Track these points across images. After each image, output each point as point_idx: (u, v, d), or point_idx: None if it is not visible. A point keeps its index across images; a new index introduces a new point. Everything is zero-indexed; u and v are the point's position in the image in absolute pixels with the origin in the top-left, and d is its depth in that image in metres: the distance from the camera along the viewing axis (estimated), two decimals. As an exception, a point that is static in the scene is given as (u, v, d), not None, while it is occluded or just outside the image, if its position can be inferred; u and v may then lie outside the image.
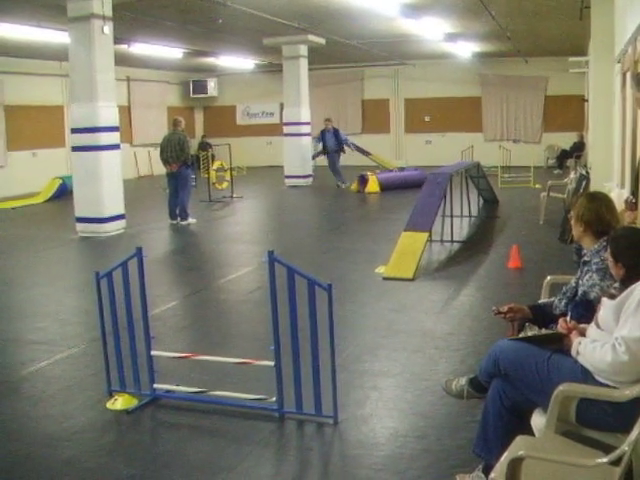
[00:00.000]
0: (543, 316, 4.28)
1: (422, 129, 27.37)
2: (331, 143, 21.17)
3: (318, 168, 23.31)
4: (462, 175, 13.00)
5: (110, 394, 5.40)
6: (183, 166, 14.54)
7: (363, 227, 13.67)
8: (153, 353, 5.33)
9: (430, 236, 10.17)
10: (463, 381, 4.18)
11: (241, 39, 19.37)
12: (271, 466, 4.39)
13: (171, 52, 21.09)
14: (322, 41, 19.91)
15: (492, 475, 3.13)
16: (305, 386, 4.82)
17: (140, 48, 19.36)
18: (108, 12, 12.88)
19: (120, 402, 5.27)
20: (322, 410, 4.83)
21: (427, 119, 27.38)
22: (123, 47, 18.01)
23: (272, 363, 4.88)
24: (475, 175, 14.69)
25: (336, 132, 21.31)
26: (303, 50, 20.68)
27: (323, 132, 21.28)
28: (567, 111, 24.88)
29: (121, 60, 16.56)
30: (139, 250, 5.09)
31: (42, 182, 20.11)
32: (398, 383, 5.58)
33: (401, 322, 7.22)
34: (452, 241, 11.34)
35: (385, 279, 9.02)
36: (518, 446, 3.22)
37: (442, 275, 9.40)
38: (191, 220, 14.58)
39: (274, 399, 4.91)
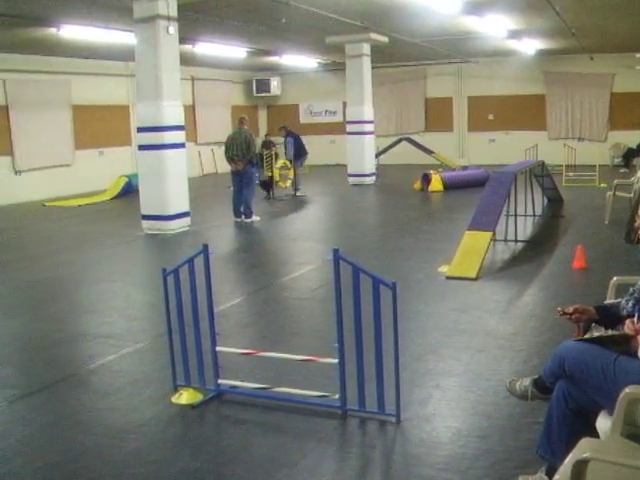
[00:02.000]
0: (609, 317, 4.22)
1: (485, 127, 27.13)
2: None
3: (382, 167, 23.31)
4: (526, 174, 12.86)
5: (175, 388, 5.49)
6: (248, 164, 14.67)
7: (426, 226, 13.62)
8: (218, 349, 5.40)
9: (494, 235, 10.09)
10: (527, 382, 4.15)
11: (304, 38, 19.44)
12: (333, 463, 4.41)
13: (235, 51, 21.26)
14: (385, 39, 19.87)
15: (556, 477, 3.10)
16: (368, 384, 4.84)
17: (204, 48, 19.56)
18: (173, 13, 13.05)
19: (185, 397, 5.35)
20: (385, 408, 4.84)
21: (490, 117, 27.13)
22: (188, 47, 18.23)
23: (336, 360, 4.91)
24: (539, 174, 14.52)
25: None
26: (366, 49, 20.66)
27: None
28: (634, 108, 24.44)
29: (186, 60, 16.74)
30: (205, 247, 5.16)
31: (108, 180, 20.47)
32: (461, 383, 5.56)
33: (464, 321, 7.19)
34: (516, 241, 11.24)
35: (448, 278, 8.98)
36: (583, 448, 3.18)
37: (506, 275, 9.32)
38: (255, 218, 14.70)
39: (337, 396, 4.93)
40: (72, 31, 15.57)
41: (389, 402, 4.81)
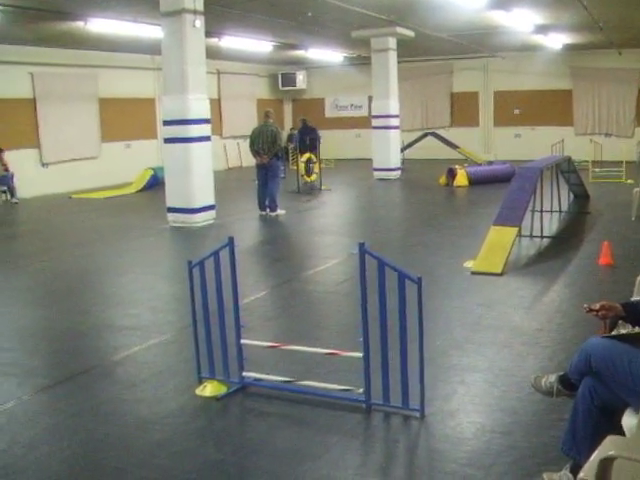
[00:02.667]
0: (636, 314, 4.19)
1: (511, 122, 26.97)
2: None
3: (407, 161, 23.27)
4: (553, 170, 12.78)
5: (200, 381, 5.52)
6: (274, 158, 14.68)
7: (452, 221, 13.57)
8: (243, 342, 5.42)
9: (519, 231, 10.05)
10: (553, 378, 4.13)
11: (330, 32, 19.40)
12: (357, 457, 4.42)
13: (261, 45, 21.29)
14: (411, 34, 19.81)
15: (581, 475, 3.08)
16: (392, 378, 4.83)
17: (230, 41, 19.61)
18: (199, 6, 13.10)
19: (209, 389, 5.38)
20: (409, 403, 4.83)
21: (517, 112, 26.97)
22: (214, 40, 18.27)
23: (360, 354, 4.91)
24: (566, 170, 14.43)
25: None
26: (392, 43, 20.60)
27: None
28: (662, 104, 24.22)
29: (212, 53, 16.78)
30: (231, 240, 5.17)
31: (134, 173, 20.59)
32: (486, 378, 5.54)
33: (489, 317, 7.17)
34: (542, 236, 11.18)
35: (473, 273, 8.95)
36: (608, 446, 3.16)
37: (531, 270, 9.28)
38: (280, 211, 14.72)
39: (361, 390, 4.94)
40: (99, 24, 15.67)
41: (413, 397, 4.81)
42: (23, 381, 5.78)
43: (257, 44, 20.99)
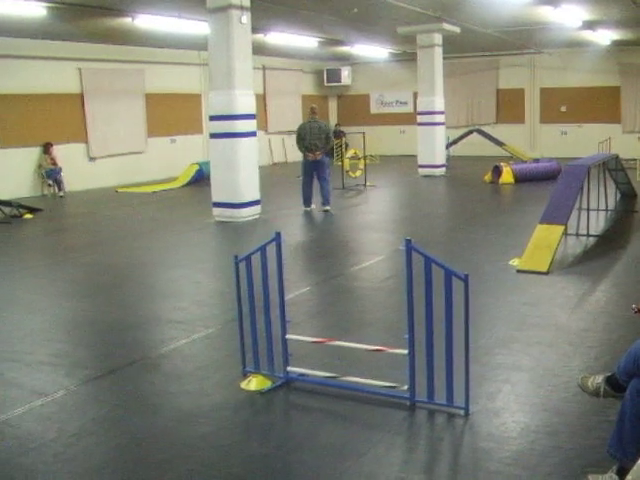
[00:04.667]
0: (686, 315, 4.14)
1: (558, 119, 26.69)
2: None
3: (452, 158, 23.15)
4: (600, 168, 12.63)
5: (245, 374, 5.55)
6: (325, 154, 14.70)
7: (497, 218, 13.47)
8: (288, 337, 5.44)
9: (566, 229, 9.95)
10: (600, 379, 4.09)
11: (376, 28, 19.39)
12: (401, 454, 4.41)
13: (306, 41, 21.32)
14: (457, 30, 19.69)
15: (628, 477, 3.05)
16: (437, 376, 4.82)
17: (276, 37, 19.67)
18: (246, 2, 13.17)
19: (254, 383, 5.41)
20: (454, 401, 4.82)
21: (563, 109, 26.68)
22: (260, 36, 18.35)
23: (406, 351, 4.90)
24: (613, 168, 14.24)
25: None
26: (438, 39, 20.48)
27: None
28: None
29: (257, 49, 16.85)
30: (278, 235, 5.19)
31: (180, 167, 20.75)
32: (531, 378, 5.50)
33: (535, 316, 7.11)
34: (588, 235, 11.05)
35: (519, 272, 8.88)
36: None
37: (577, 270, 9.18)
38: (313, 206, 14.75)
39: (406, 387, 4.93)
40: (147, 20, 15.83)
41: (458, 395, 4.79)
42: (71, 372, 5.87)
43: (303, 40, 21.03)
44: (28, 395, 5.36)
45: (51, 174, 18.54)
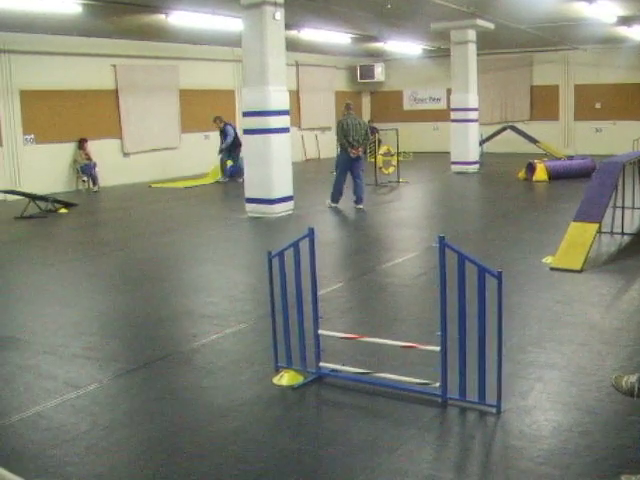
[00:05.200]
0: None
1: (592, 116, 26.44)
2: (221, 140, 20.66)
3: (485, 155, 23.03)
4: (635, 165, 12.49)
5: (277, 370, 5.56)
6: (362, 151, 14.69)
7: (530, 216, 13.38)
8: (320, 332, 5.45)
9: (600, 227, 9.86)
10: (634, 378, 4.07)
11: (409, 24, 19.32)
12: (432, 451, 4.40)
13: (339, 37, 21.32)
14: (491, 26, 19.58)
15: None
16: (469, 373, 4.81)
17: (309, 34, 19.69)
18: (280, -1, 13.21)
19: (286, 378, 5.42)
20: (485, 398, 4.80)
21: (598, 106, 26.41)
22: (293, 32, 18.36)
23: (438, 348, 4.90)
24: (649, 165, 14.06)
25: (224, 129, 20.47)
26: (471, 35, 20.38)
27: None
28: None
29: (291, 45, 16.85)
30: (311, 231, 5.20)
31: (213, 164, 20.83)
32: (563, 376, 5.46)
33: (568, 314, 7.06)
34: (622, 233, 10.94)
35: (552, 269, 8.81)
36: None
37: (611, 268, 9.09)
38: (330, 204, 14.76)
39: (438, 384, 4.92)
40: (180, 17, 15.91)
41: (490, 393, 4.77)
42: (104, 365, 5.92)
43: (336, 36, 21.02)
44: (62, 387, 5.43)
45: (86, 169, 18.73)
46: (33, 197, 14.94)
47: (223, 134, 20.21)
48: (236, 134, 19.83)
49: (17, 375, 5.76)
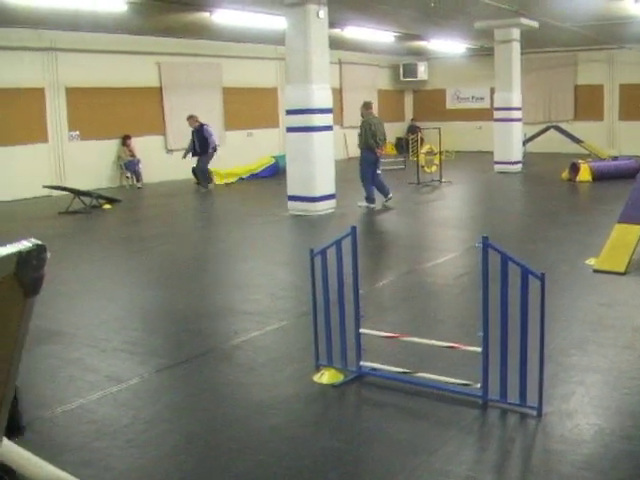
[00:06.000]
0: None
1: (637, 117, 25.99)
2: (196, 143, 18.29)
3: (528, 155, 22.84)
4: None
5: (317, 368, 5.58)
6: None
7: (574, 217, 13.26)
8: (361, 331, 5.45)
9: (645, 229, 9.74)
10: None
11: (453, 23, 19.22)
12: (472, 453, 4.39)
13: (383, 36, 21.28)
14: (535, 24, 19.39)
15: None
16: (510, 375, 4.77)
17: (353, 32, 19.67)
18: (324, -3, 13.23)
19: (327, 376, 5.43)
20: (526, 401, 4.77)
21: (643, 106, 26.05)
22: (336, 31, 18.35)
23: (479, 349, 4.88)
24: (696, 167, 13.88)
25: (200, 130, 18.28)
26: (515, 34, 20.18)
27: (193, 132, 18.38)
28: None
29: (334, 44, 16.84)
30: (353, 229, 5.20)
31: (256, 160, 20.92)
32: (606, 380, 5.40)
33: (611, 317, 6.98)
34: (668, 235, 10.79)
35: (595, 272, 8.71)
36: None
37: (656, 271, 8.99)
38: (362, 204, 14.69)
39: (479, 386, 4.89)
40: (224, 15, 15.99)
41: (531, 395, 4.73)
42: (145, 360, 5.99)
43: (379, 34, 20.99)
44: (104, 381, 5.50)
45: (129, 166, 18.91)
46: (77, 193, 15.12)
47: (198, 135, 18.11)
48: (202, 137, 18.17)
49: (61, 368, 5.85)
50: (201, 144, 18.03)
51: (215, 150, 18.27)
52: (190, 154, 18.34)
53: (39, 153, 17.64)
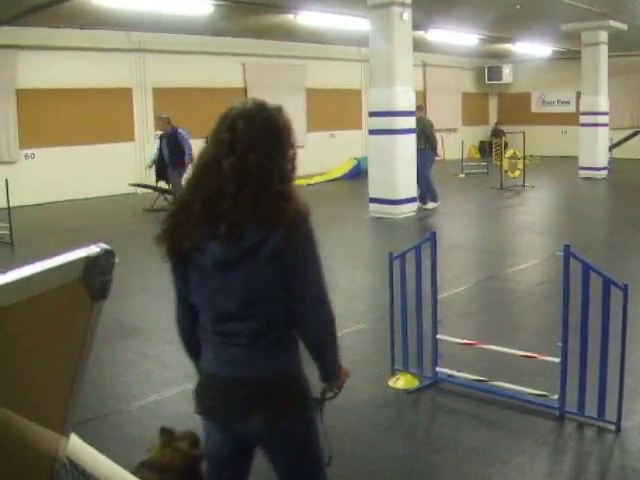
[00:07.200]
0: None
1: None
2: (165, 151, 15.05)
3: (615, 160, 22.33)
4: None
5: (393, 372, 5.57)
6: None
7: (661, 226, 12.93)
8: (439, 337, 5.43)
9: None
10: None
11: (538, 25, 18.94)
12: (546, 466, 4.32)
13: (467, 38, 21.10)
14: (623, 27, 18.97)
15: None
16: (589, 388, 4.68)
17: (437, 34, 19.56)
18: (408, -1, 13.18)
19: (402, 381, 5.43)
20: (605, 415, 4.66)
21: None
22: (420, 33, 18.27)
23: (558, 360, 4.79)
24: None
25: (174, 135, 15.02)
26: (603, 36, 19.74)
27: (161, 137, 15.36)
28: None
29: (417, 46, 16.77)
30: (433, 234, 5.19)
31: (338, 162, 20.97)
32: (688, 394, 5.26)
33: (697, 330, 6.78)
34: None
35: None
36: None
37: None
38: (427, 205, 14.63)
39: (556, 397, 4.82)
40: (308, 17, 16.09)
41: (610, 409, 4.63)
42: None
43: (463, 37, 20.82)
44: (181, 377, 5.56)
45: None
46: (162, 191, 15.39)
47: (169, 140, 14.95)
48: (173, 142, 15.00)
49: (139, 363, 5.97)
50: (172, 152, 14.77)
51: (191, 161, 13.58)
52: (153, 165, 15.65)
53: (125, 151, 18.04)
